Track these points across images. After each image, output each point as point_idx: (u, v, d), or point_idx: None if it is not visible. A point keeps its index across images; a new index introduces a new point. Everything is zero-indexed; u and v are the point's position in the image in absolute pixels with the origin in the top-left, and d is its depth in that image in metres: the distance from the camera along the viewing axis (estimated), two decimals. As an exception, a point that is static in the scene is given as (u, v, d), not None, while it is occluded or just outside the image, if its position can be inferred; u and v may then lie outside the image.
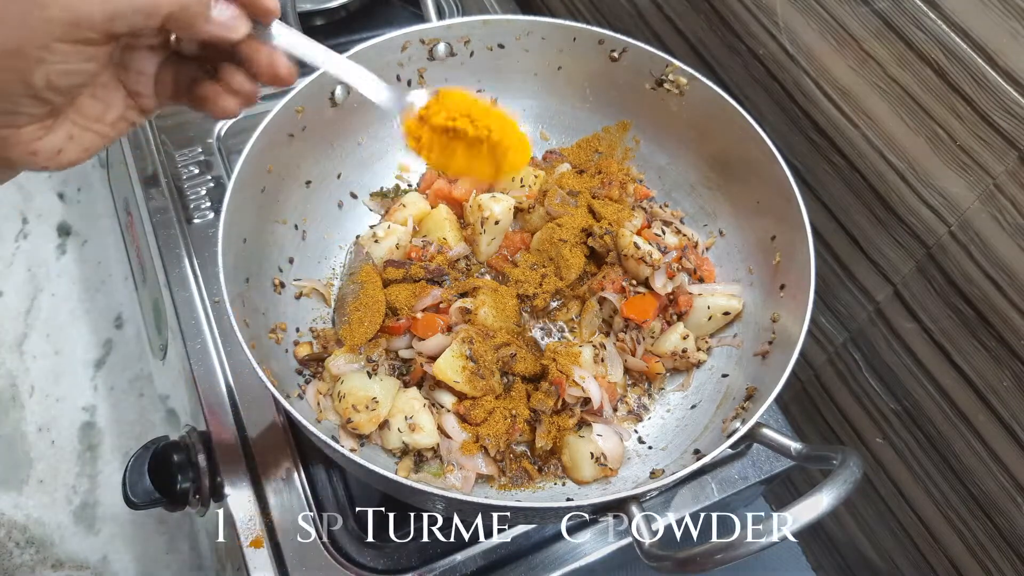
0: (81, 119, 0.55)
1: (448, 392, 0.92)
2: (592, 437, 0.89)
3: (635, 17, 1.33)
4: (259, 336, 0.89)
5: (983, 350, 0.89)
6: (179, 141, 1.27)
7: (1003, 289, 0.85)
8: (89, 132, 0.56)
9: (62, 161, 0.55)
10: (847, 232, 1.03)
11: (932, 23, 0.82)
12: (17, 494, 1.51)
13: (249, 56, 0.58)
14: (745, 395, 0.88)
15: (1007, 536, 0.94)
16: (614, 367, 0.97)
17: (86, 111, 0.55)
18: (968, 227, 0.86)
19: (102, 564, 1.45)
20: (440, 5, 1.53)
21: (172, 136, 1.28)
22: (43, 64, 0.47)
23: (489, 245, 1.04)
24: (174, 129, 1.29)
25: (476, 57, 1.08)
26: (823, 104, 0.99)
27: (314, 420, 0.88)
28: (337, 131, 1.05)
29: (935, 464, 1.01)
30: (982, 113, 0.80)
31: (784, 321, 0.90)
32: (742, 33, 1.09)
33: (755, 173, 0.97)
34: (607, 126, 1.13)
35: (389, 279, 0.99)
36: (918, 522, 1.07)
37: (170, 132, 1.28)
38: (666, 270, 0.99)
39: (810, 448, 0.74)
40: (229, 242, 0.84)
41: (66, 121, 0.54)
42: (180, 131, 1.28)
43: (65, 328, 1.72)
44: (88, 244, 1.85)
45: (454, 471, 0.89)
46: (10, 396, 1.62)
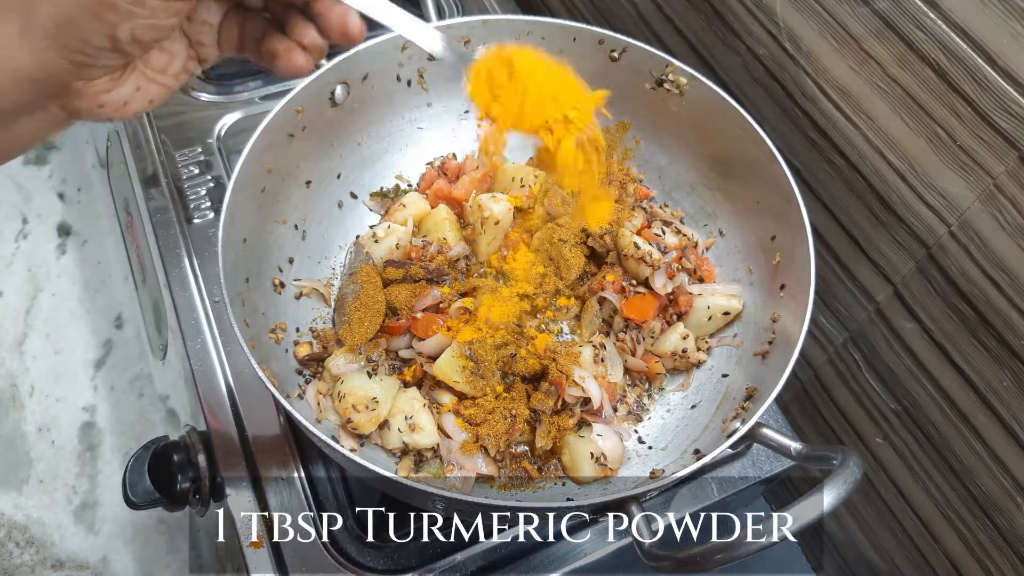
0: (149, 71, 0.55)
1: (448, 392, 0.92)
2: (592, 437, 0.89)
3: (635, 17, 1.33)
4: (259, 336, 0.89)
5: (983, 350, 0.89)
6: (179, 141, 1.27)
7: (1003, 289, 0.85)
8: (155, 84, 0.56)
9: (127, 112, 0.55)
10: (847, 232, 1.03)
11: (932, 23, 0.82)
12: (17, 494, 1.51)
13: (322, 12, 0.57)
14: (745, 395, 0.88)
15: (1007, 536, 0.94)
16: (614, 367, 0.97)
17: (154, 63, 0.55)
18: (968, 227, 0.86)
19: (102, 564, 1.45)
20: (440, 5, 1.53)
21: (172, 136, 1.27)
22: (132, 18, 0.47)
23: (489, 245, 1.04)
24: (174, 129, 1.29)
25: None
26: (823, 104, 0.99)
27: (314, 420, 0.88)
28: (337, 131, 1.05)
29: (935, 464, 1.01)
30: (982, 113, 0.80)
31: (784, 321, 0.90)
32: (742, 33, 1.09)
33: (755, 173, 0.97)
34: (607, 126, 1.13)
35: (389, 279, 0.99)
36: (918, 522, 1.07)
37: (170, 132, 1.28)
38: (666, 270, 0.99)
39: (810, 448, 0.74)
40: (229, 242, 0.84)
41: (134, 72, 0.54)
42: (180, 131, 1.28)
43: (65, 328, 1.72)
44: (88, 244, 1.85)
45: (454, 471, 0.89)
46: (10, 396, 1.62)
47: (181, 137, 1.27)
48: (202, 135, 1.28)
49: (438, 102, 1.12)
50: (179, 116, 1.30)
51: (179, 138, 1.27)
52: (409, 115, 1.12)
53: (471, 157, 1.13)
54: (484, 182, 1.10)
